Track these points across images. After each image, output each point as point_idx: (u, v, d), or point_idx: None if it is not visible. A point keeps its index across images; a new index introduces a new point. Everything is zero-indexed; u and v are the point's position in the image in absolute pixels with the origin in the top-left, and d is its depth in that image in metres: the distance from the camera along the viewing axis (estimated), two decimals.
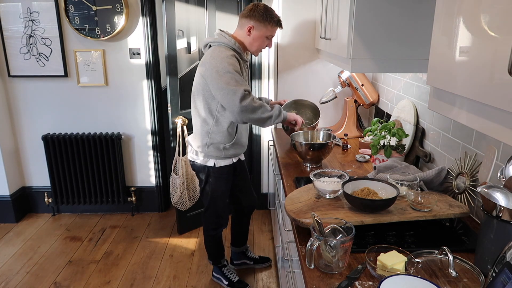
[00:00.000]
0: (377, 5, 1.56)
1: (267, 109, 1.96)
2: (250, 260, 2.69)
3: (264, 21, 1.99)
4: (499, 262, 0.90)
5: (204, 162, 2.18)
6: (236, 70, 1.92)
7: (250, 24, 2.00)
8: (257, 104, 1.92)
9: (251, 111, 1.91)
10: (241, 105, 1.88)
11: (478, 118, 0.82)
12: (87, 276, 2.62)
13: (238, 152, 2.21)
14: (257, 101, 1.94)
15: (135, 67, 3.12)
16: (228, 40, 2.00)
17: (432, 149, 1.83)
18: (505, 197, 1.03)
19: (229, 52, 1.96)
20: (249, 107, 1.90)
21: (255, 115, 1.93)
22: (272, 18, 2.01)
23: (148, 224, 3.30)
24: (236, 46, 2.01)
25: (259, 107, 1.93)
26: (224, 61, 1.92)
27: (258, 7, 2.00)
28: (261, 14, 1.98)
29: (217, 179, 2.21)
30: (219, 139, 2.10)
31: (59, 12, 2.96)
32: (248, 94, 1.91)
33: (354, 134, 2.62)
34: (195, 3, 2.86)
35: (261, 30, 2.01)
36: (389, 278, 0.98)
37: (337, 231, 1.20)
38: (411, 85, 2.06)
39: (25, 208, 3.45)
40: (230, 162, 2.20)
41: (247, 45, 2.06)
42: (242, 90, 1.88)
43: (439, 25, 0.96)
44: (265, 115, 1.95)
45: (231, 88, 1.88)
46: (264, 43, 2.07)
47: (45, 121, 3.24)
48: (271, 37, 2.08)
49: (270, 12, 2.02)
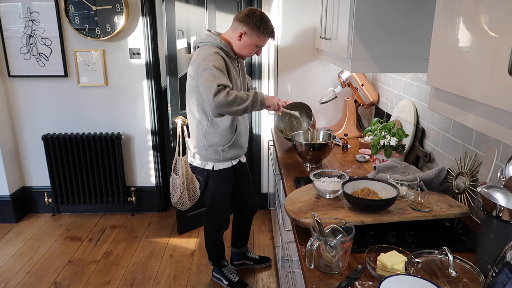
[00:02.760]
0: (377, 5, 1.56)
1: (242, 100, 1.87)
2: (250, 261, 2.68)
3: (257, 30, 1.95)
4: (499, 262, 0.90)
5: (202, 165, 2.16)
6: (216, 67, 1.87)
7: (242, 30, 1.97)
8: (231, 97, 1.82)
9: (226, 105, 1.83)
10: (215, 100, 1.81)
11: (478, 118, 0.82)
12: (87, 276, 2.62)
13: (238, 154, 2.19)
14: (232, 93, 1.84)
15: (135, 67, 3.12)
16: (214, 39, 1.98)
17: (432, 149, 1.83)
18: (505, 197, 1.03)
19: (213, 50, 1.93)
20: (223, 102, 1.82)
21: (231, 109, 1.85)
22: (266, 29, 1.96)
23: (148, 224, 3.30)
24: (222, 44, 1.98)
25: (234, 100, 1.83)
26: (206, 58, 1.89)
27: (254, 14, 1.96)
28: (255, 22, 1.94)
29: (217, 182, 2.18)
30: (216, 140, 2.08)
31: (59, 12, 2.96)
32: (222, 89, 1.82)
33: (354, 134, 2.62)
34: (195, 3, 2.86)
35: (252, 38, 1.97)
36: (389, 278, 0.98)
37: (337, 231, 1.20)
38: (411, 85, 2.06)
39: (25, 208, 3.45)
40: (229, 165, 2.17)
41: (235, 48, 2.03)
42: (216, 86, 1.81)
43: (439, 25, 0.96)
44: (241, 106, 1.87)
45: (207, 84, 1.83)
46: (253, 50, 2.04)
47: (45, 121, 3.24)
48: (261, 46, 2.05)
49: (265, 21, 1.97)
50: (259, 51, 2.08)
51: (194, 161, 2.20)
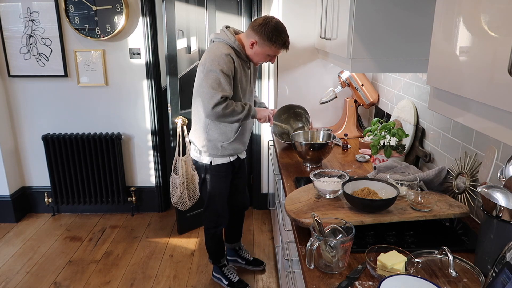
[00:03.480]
0: (377, 5, 1.56)
1: (237, 113, 1.97)
2: (242, 260, 2.69)
3: (269, 41, 1.93)
4: (499, 262, 0.90)
5: (201, 159, 2.19)
6: (224, 71, 1.89)
7: (254, 39, 1.95)
8: (228, 110, 1.92)
9: (220, 116, 1.95)
10: (213, 110, 1.91)
11: (478, 118, 0.82)
12: (87, 276, 2.62)
13: (237, 150, 2.21)
14: (230, 106, 1.93)
15: (135, 67, 3.12)
16: (228, 38, 1.97)
17: (432, 149, 1.83)
18: (505, 197, 1.03)
19: (225, 51, 1.92)
20: (218, 113, 1.92)
21: (224, 119, 1.99)
22: (278, 40, 1.93)
23: (148, 224, 3.30)
24: (235, 44, 1.97)
25: (230, 113, 1.94)
26: (216, 59, 1.90)
27: (268, 24, 1.92)
28: (267, 33, 1.91)
29: (214, 177, 2.21)
30: (216, 136, 2.11)
31: (59, 12, 2.96)
32: (222, 101, 1.90)
33: (354, 134, 2.62)
34: (195, 3, 2.86)
35: (264, 48, 1.96)
36: (389, 278, 0.98)
37: (337, 231, 1.20)
38: (411, 85, 2.06)
39: (25, 208, 3.45)
40: (227, 161, 2.19)
41: (248, 54, 2.03)
42: (219, 97, 1.88)
43: (439, 25, 0.96)
44: (234, 118, 1.99)
45: (211, 91, 1.89)
46: (265, 59, 2.03)
47: (45, 121, 3.24)
48: (274, 56, 2.04)
49: (279, 32, 1.93)
50: (272, 59, 2.06)
51: (194, 155, 2.24)
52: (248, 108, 2.02)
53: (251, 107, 2.04)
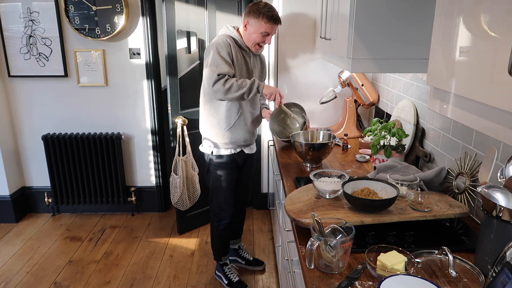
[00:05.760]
0: (377, 5, 1.56)
1: (239, 87, 2.01)
2: (242, 260, 2.70)
3: (258, 17, 2.04)
4: (499, 262, 0.90)
5: (204, 149, 2.30)
6: (220, 54, 2.01)
7: (246, 20, 2.09)
8: (228, 85, 1.99)
9: (222, 93, 2.01)
10: (213, 88, 2.01)
11: (478, 118, 0.82)
12: (87, 276, 2.62)
13: (238, 140, 2.22)
14: (230, 80, 2.00)
15: (135, 67, 3.12)
16: (230, 31, 2.13)
17: (432, 149, 1.83)
18: (505, 197, 1.03)
19: (224, 38, 2.06)
20: (220, 90, 2.00)
21: (228, 95, 2.03)
22: (265, 13, 2.04)
23: (148, 224, 3.30)
24: (234, 34, 2.12)
25: (230, 87, 2.00)
26: (214, 45, 2.05)
27: (256, 4, 2.08)
28: (255, 10, 2.05)
29: (216, 168, 2.27)
30: (216, 122, 2.18)
31: (59, 12, 2.96)
32: (221, 78, 2.00)
33: (354, 134, 2.62)
34: (195, 3, 2.85)
35: (255, 25, 2.06)
36: (389, 278, 0.98)
37: (337, 231, 1.20)
38: (411, 85, 2.06)
39: (25, 208, 3.45)
40: (229, 152, 2.24)
41: (245, 41, 2.14)
42: (216, 76, 1.99)
43: (439, 25, 0.96)
44: (237, 93, 2.01)
45: (209, 72, 2.02)
46: (260, 39, 2.10)
47: (45, 121, 3.24)
48: (267, 33, 2.10)
49: (267, 8, 2.05)
50: (267, 40, 2.13)
51: (200, 148, 2.34)
52: (252, 81, 2.04)
53: (255, 80, 2.06)
